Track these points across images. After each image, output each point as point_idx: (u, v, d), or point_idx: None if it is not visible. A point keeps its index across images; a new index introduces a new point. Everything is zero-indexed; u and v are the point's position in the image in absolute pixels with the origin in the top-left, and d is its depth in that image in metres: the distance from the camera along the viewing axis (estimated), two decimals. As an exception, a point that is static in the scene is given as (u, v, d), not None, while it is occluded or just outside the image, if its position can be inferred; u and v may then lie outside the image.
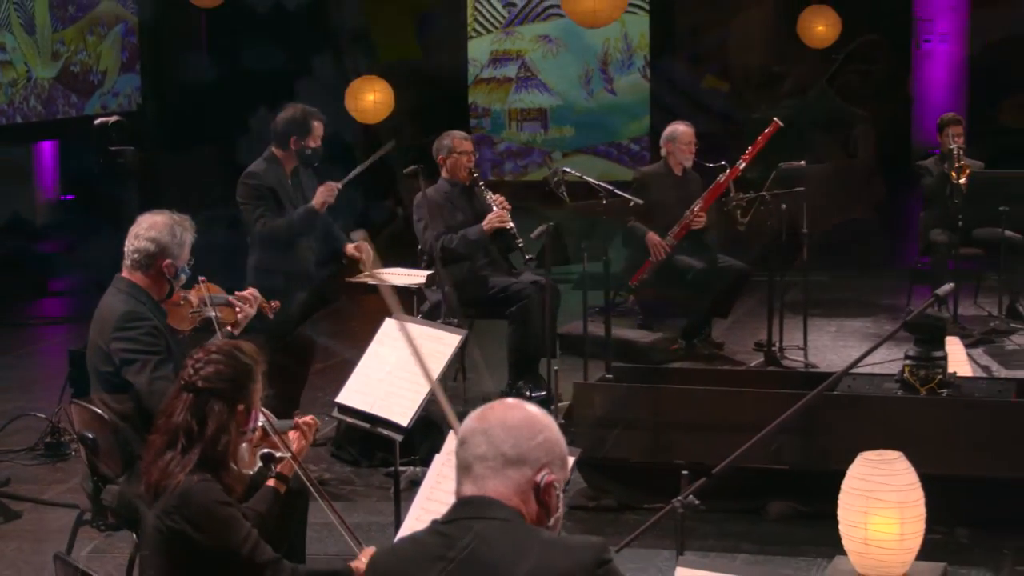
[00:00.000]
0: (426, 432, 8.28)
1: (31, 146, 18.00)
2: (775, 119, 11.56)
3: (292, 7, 20.30)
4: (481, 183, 10.24)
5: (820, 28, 18.67)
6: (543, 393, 9.57)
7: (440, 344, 6.77)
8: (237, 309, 7.02)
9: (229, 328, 6.87)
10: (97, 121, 10.25)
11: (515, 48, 20.10)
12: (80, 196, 18.23)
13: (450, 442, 5.63)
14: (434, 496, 5.55)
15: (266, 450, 5.30)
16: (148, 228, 6.62)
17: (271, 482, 5.37)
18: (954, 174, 11.86)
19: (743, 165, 11.36)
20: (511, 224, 10.06)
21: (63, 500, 8.44)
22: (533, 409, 3.62)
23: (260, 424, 5.18)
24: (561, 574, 3.42)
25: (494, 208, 10.04)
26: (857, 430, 7.60)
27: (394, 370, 6.79)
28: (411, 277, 9.48)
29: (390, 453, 7.10)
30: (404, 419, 6.59)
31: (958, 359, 9.13)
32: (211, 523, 4.81)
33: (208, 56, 21.44)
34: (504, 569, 3.44)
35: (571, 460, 3.86)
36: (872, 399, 8.05)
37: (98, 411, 6.58)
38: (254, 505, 5.31)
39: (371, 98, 15.74)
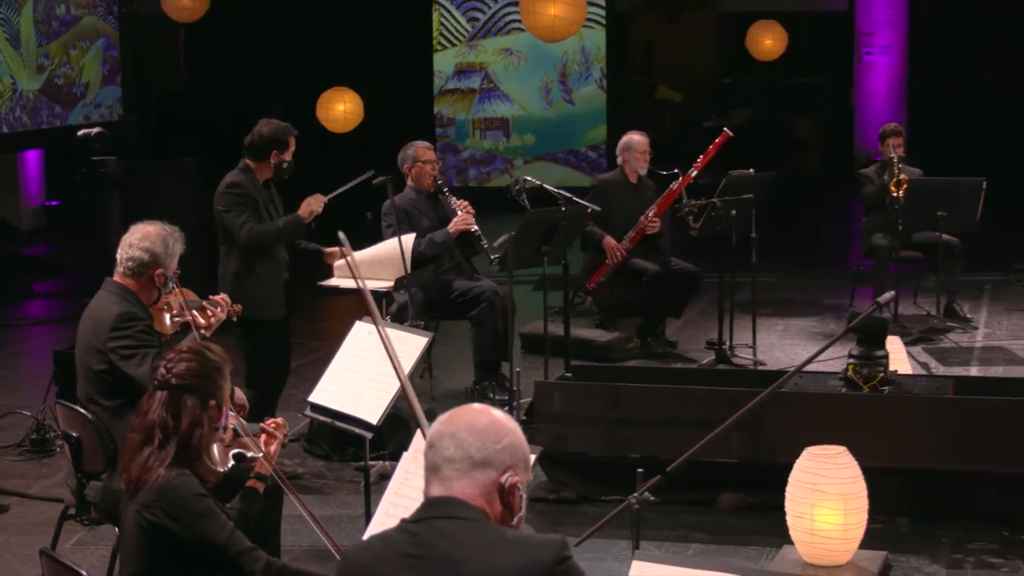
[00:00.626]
0: (394, 428, 8.29)
1: (17, 155, 18.00)
2: (725, 129, 11.59)
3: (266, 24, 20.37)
4: (445, 190, 10.23)
5: (768, 42, 18.74)
6: (506, 397, 9.56)
7: (408, 346, 6.77)
8: (209, 313, 7.03)
9: (202, 331, 6.88)
10: (80, 132, 10.21)
11: (478, 61, 20.11)
12: (64, 202, 18.20)
13: (418, 440, 5.62)
14: (402, 492, 5.53)
15: (237, 450, 5.30)
16: (142, 238, 6.65)
17: (251, 482, 5.37)
18: (893, 186, 11.89)
19: (695, 173, 11.36)
20: (476, 227, 10.05)
21: (48, 495, 8.40)
22: (498, 414, 3.63)
23: (231, 426, 5.18)
24: (522, 570, 3.43)
25: (459, 212, 10.05)
26: (803, 426, 7.60)
27: (364, 371, 6.80)
28: (379, 281, 9.47)
29: (360, 448, 7.08)
30: (373, 417, 6.60)
31: (898, 357, 9.15)
32: (188, 515, 4.80)
33: (186, 69, 21.45)
34: (468, 566, 3.45)
35: (533, 459, 3.85)
36: (818, 396, 8.08)
37: (81, 411, 6.61)
38: (236, 504, 5.31)
39: (341, 108, 15.74)
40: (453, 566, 3.46)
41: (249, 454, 5.30)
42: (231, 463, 5.27)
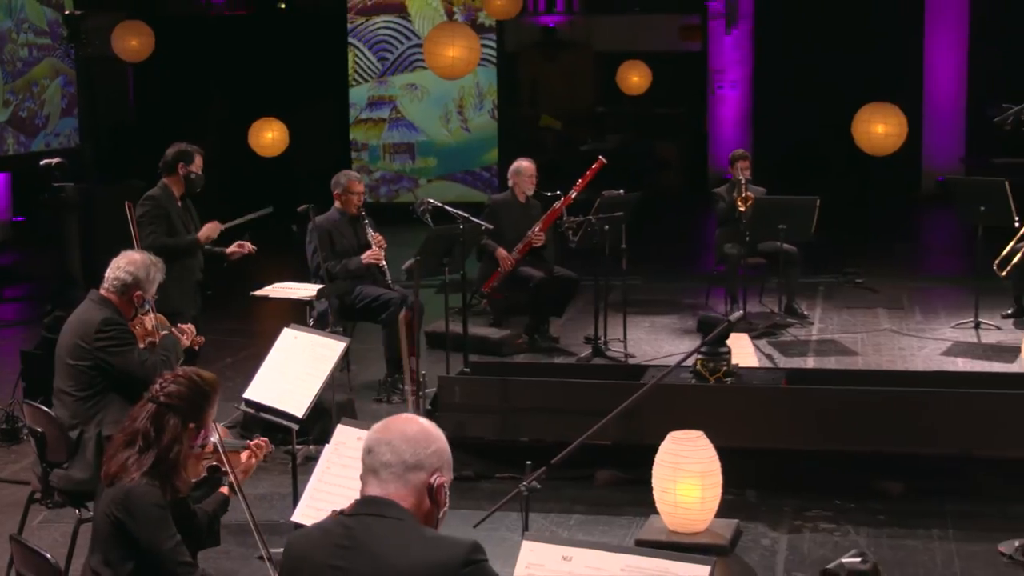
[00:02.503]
0: (317, 417, 8.24)
1: (-14, 177, 17.82)
2: (600, 157, 11.63)
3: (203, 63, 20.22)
4: (366, 219, 10.20)
5: (635, 79, 18.81)
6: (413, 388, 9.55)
7: (328, 350, 6.79)
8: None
9: None
10: (42, 162, 10.08)
11: (388, 94, 20.03)
12: (29, 218, 17.97)
13: (338, 434, 5.62)
14: (324, 479, 5.52)
15: (214, 463, 5.26)
16: (128, 264, 6.80)
17: (224, 489, 5.36)
18: (740, 203, 11.99)
19: (574, 194, 11.41)
20: (383, 262, 10.10)
21: (17, 478, 8.26)
22: (425, 423, 3.64)
23: (213, 440, 5.13)
24: (433, 567, 3.43)
25: (373, 246, 10.06)
26: (666, 412, 7.62)
27: (290, 371, 6.79)
28: (303, 291, 9.45)
29: (288, 434, 7.05)
30: (299, 411, 6.62)
31: (746, 351, 9.24)
32: (144, 520, 4.74)
33: (134, 103, 21.24)
34: (387, 560, 3.45)
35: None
36: (679, 387, 8.11)
37: (45, 409, 6.65)
38: (206, 506, 5.30)
39: (269, 136, 15.62)
40: (375, 558, 3.46)
41: (224, 468, 5.25)
42: (204, 474, 5.23)
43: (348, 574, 3.48)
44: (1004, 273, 11.64)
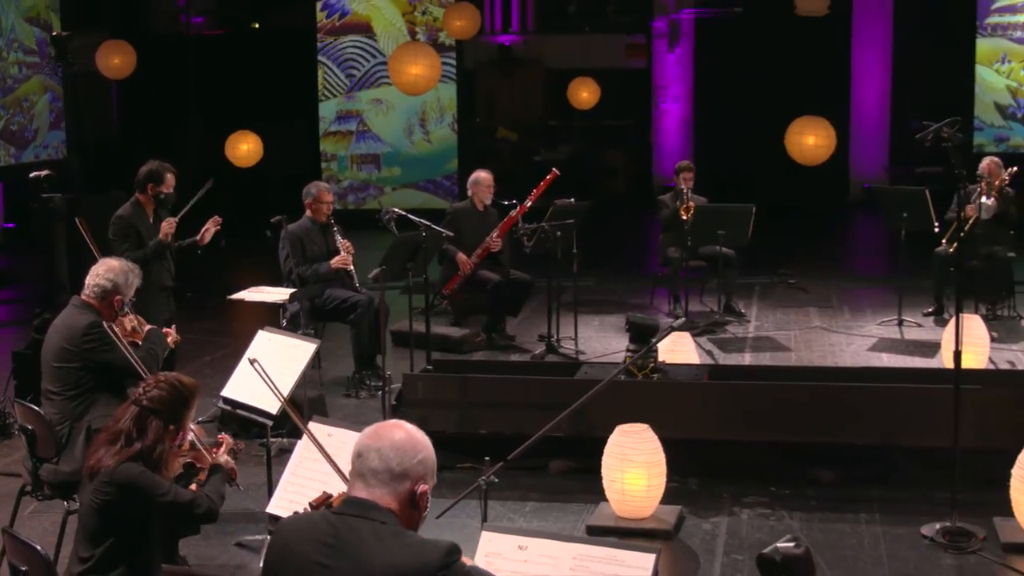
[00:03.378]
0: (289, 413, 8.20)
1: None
2: (554, 169, 11.62)
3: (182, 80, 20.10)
4: (335, 227, 10.17)
5: (584, 94, 18.83)
6: (379, 383, 9.53)
7: (299, 351, 6.76)
8: None
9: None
10: (32, 174, 9.99)
11: (355, 108, 19.97)
12: (19, 225, 17.82)
13: (310, 430, 5.59)
14: (298, 472, 5.51)
15: (190, 460, 5.25)
16: (107, 271, 6.80)
17: (193, 487, 5.36)
18: (683, 211, 12.02)
19: (529, 204, 11.39)
20: (352, 267, 10.07)
21: (9, 470, 8.19)
22: (413, 430, 3.60)
23: (190, 439, 5.14)
24: (411, 567, 3.40)
25: (342, 251, 10.03)
26: (614, 406, 7.59)
27: (264, 371, 6.74)
28: (277, 294, 9.42)
29: (264, 429, 7.02)
30: (273, 409, 6.57)
31: (687, 348, 9.25)
32: (135, 487, 4.79)
33: (117, 117, 21.11)
34: (367, 560, 3.42)
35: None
36: (623, 383, 8.04)
37: (35, 408, 6.62)
38: (211, 492, 5.27)
39: (244, 147, 15.55)
40: (358, 559, 3.43)
41: (199, 466, 5.25)
42: (180, 471, 5.22)
43: (332, 572, 3.45)
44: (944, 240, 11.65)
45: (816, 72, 20.61)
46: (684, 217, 11.98)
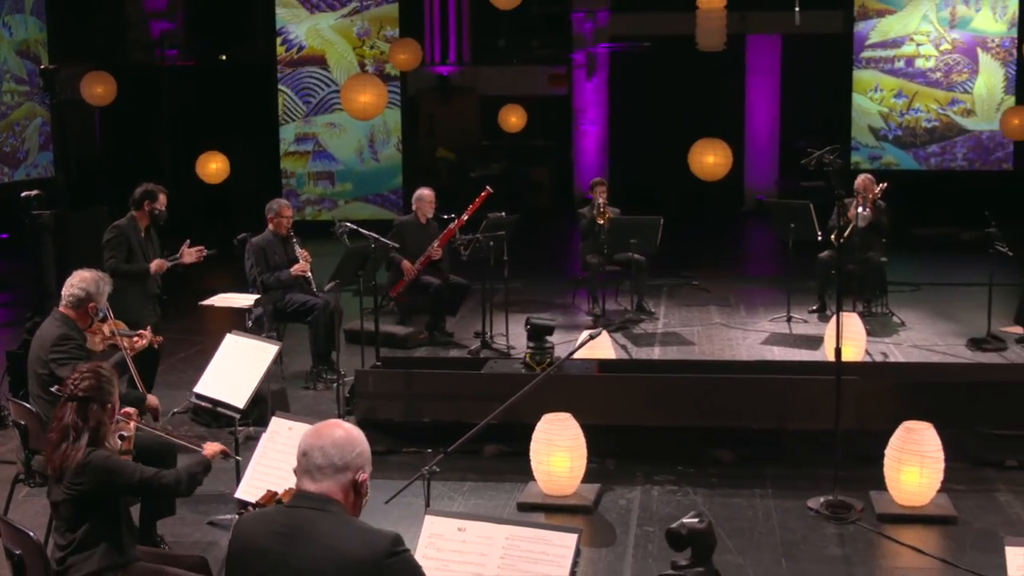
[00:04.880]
0: (255, 404, 8.12)
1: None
2: (487, 187, 11.62)
3: (157, 106, 19.89)
4: (295, 239, 10.12)
5: (513, 119, 18.83)
6: (334, 377, 9.47)
7: (263, 352, 6.72)
8: (135, 339, 6.99)
9: (128, 351, 6.87)
10: (23, 194, 9.90)
11: (311, 131, 19.84)
12: (12, 236, 17.55)
13: (273, 424, 5.56)
14: (262, 462, 5.48)
15: (120, 432, 5.19)
16: (80, 281, 6.62)
17: (207, 452, 5.43)
18: (599, 221, 12.05)
19: (466, 217, 11.39)
20: (309, 274, 10.03)
21: (4, 458, 8.08)
22: (351, 428, 3.59)
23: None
24: (359, 553, 3.39)
25: (300, 260, 9.98)
26: (539, 396, 7.53)
27: (232, 370, 6.72)
28: (243, 300, 9.36)
29: (232, 420, 6.97)
30: (241, 403, 6.55)
31: (604, 345, 9.23)
32: (108, 473, 4.75)
33: (100, 139, 20.86)
34: (320, 545, 3.41)
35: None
36: (551, 377, 8.04)
37: (27, 405, 6.55)
38: (191, 468, 5.25)
39: (213, 166, 15.41)
40: (310, 545, 3.42)
41: (126, 434, 5.19)
42: (119, 443, 5.14)
43: (286, 558, 3.43)
44: (833, 238, 11.61)
45: (715, 99, 20.78)
46: (601, 224, 12.02)
